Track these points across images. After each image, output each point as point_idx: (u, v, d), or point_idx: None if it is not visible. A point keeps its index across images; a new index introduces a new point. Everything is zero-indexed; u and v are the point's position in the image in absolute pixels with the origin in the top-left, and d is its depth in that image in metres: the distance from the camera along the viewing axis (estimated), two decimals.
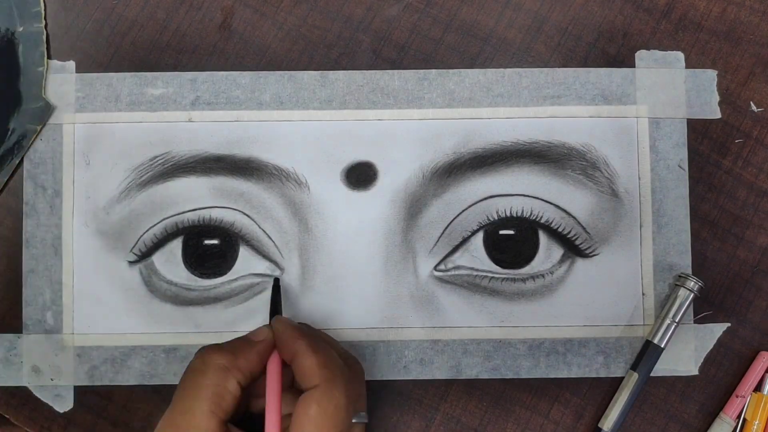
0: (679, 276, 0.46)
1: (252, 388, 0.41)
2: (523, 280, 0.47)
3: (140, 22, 0.49)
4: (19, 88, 0.47)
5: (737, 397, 0.46)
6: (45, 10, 0.48)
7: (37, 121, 0.47)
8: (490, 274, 0.47)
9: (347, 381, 0.39)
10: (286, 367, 0.41)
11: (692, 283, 0.46)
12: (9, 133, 0.47)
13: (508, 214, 0.47)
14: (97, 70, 0.48)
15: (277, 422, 0.39)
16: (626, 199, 0.48)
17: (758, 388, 0.47)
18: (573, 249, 0.47)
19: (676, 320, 0.46)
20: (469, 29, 0.49)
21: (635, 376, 0.46)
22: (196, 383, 0.39)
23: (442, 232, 0.47)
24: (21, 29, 0.48)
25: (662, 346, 0.46)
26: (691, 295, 0.46)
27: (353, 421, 0.39)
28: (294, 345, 0.40)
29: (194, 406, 0.38)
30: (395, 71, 0.48)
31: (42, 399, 0.47)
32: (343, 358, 0.41)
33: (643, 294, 0.47)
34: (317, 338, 0.41)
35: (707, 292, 0.47)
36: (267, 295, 0.47)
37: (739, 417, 0.46)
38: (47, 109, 0.47)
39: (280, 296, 0.46)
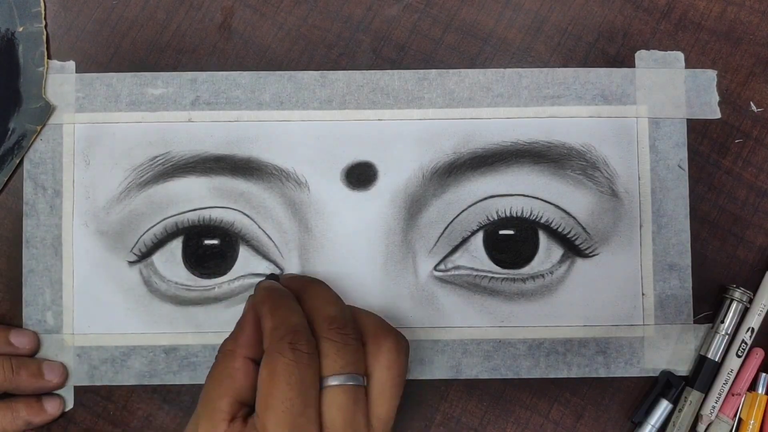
0: (727, 288, 0.47)
1: None
2: (523, 280, 0.47)
3: (140, 22, 0.49)
4: (18, 88, 0.47)
5: (733, 395, 0.46)
6: (45, 10, 0.48)
7: (37, 121, 0.47)
8: (490, 274, 0.47)
9: (308, 345, 0.39)
10: None
11: (739, 294, 0.46)
12: (9, 133, 0.47)
13: (508, 214, 0.47)
14: (97, 70, 0.48)
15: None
16: (626, 199, 0.48)
17: (753, 386, 0.47)
18: (573, 249, 0.47)
19: (729, 332, 0.46)
20: (469, 29, 0.49)
21: (694, 393, 0.46)
22: (211, 375, 0.41)
23: (442, 232, 0.47)
24: (21, 29, 0.48)
25: (717, 360, 0.46)
26: (742, 307, 0.46)
27: (328, 384, 0.39)
28: (259, 309, 0.42)
29: (210, 393, 0.40)
30: (395, 71, 0.48)
31: None
32: (318, 320, 0.41)
33: (643, 294, 0.47)
34: (280, 299, 0.42)
35: (710, 292, 0.47)
36: None
37: (735, 415, 0.46)
38: (47, 109, 0.47)
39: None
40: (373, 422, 0.39)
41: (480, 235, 0.47)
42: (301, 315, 0.41)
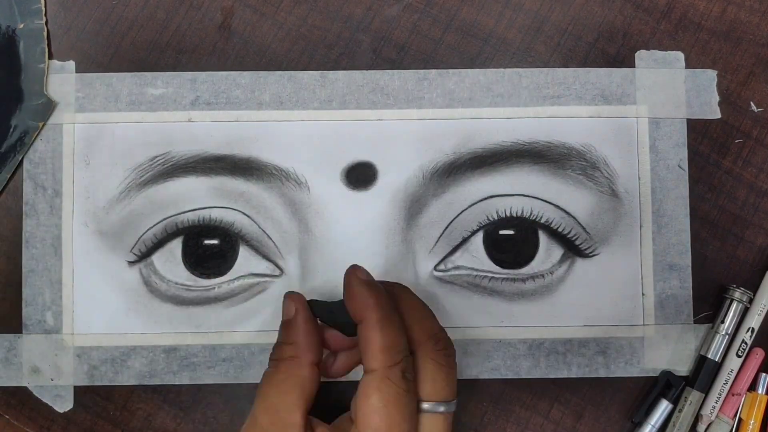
0: (727, 288, 0.47)
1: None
2: (523, 280, 0.47)
3: (140, 22, 0.49)
4: (20, 85, 0.47)
5: (733, 395, 0.46)
6: (45, 6, 0.48)
7: (39, 118, 0.47)
8: (490, 274, 0.47)
9: (410, 367, 0.38)
10: None
11: (739, 294, 0.46)
12: (11, 130, 0.47)
13: (508, 214, 0.47)
14: (97, 70, 0.48)
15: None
16: (626, 199, 0.48)
17: (753, 386, 0.47)
18: (573, 249, 0.47)
19: (729, 332, 0.46)
20: (469, 29, 0.49)
21: (694, 393, 0.46)
22: (274, 384, 0.39)
23: (442, 232, 0.47)
24: (21, 26, 0.48)
25: (717, 360, 0.46)
26: (742, 307, 0.46)
27: (430, 410, 0.38)
28: (364, 312, 0.38)
29: (277, 405, 0.38)
30: (395, 71, 0.48)
31: (42, 399, 0.47)
32: (421, 338, 0.39)
33: (643, 294, 0.47)
34: (390, 311, 0.38)
35: (710, 292, 0.47)
36: (267, 294, 0.47)
37: (735, 416, 0.46)
38: (49, 106, 0.47)
39: None
40: None
41: (480, 235, 0.47)
42: (404, 334, 0.39)
